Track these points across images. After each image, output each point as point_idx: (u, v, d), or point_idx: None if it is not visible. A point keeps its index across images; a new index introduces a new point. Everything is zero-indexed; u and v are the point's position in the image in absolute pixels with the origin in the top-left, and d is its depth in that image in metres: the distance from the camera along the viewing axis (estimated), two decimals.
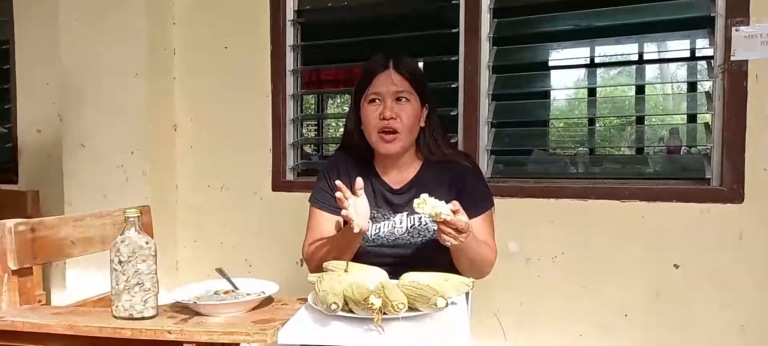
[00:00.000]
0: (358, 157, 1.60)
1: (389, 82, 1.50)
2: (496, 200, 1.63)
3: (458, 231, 1.30)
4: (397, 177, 1.57)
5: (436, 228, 1.50)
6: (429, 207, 1.27)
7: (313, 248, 1.55)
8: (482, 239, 1.49)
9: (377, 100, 1.50)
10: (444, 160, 1.56)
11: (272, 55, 2.42)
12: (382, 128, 1.49)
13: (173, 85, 2.57)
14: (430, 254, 1.47)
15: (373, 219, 1.54)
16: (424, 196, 1.29)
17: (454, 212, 1.28)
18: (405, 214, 1.54)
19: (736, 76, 1.83)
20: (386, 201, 1.56)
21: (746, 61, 1.81)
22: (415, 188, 1.55)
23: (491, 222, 1.56)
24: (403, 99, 1.50)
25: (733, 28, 1.82)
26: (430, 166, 1.57)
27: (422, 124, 1.55)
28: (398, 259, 1.48)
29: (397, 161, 1.56)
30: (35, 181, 2.80)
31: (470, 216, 1.50)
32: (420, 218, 1.52)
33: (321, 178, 1.62)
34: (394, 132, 1.49)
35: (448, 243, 1.32)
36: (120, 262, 1.15)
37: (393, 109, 1.49)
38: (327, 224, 1.58)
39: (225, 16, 2.49)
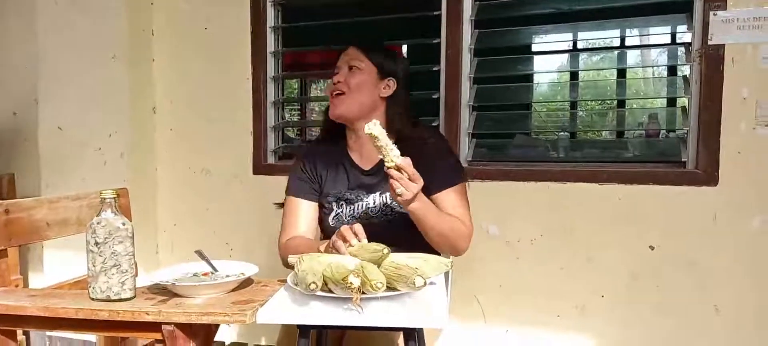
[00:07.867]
0: (331, 143, 1.66)
1: (346, 56, 1.61)
2: (477, 183, 1.64)
3: (410, 179, 1.33)
4: (369, 158, 1.60)
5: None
6: (378, 129, 1.31)
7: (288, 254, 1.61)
8: (453, 214, 1.51)
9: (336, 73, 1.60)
10: (414, 138, 1.57)
11: (252, 36, 2.38)
12: (332, 91, 1.59)
13: (152, 67, 2.52)
14: (403, 231, 1.49)
15: (348, 201, 1.59)
16: (375, 120, 1.34)
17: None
18: (377, 194, 1.57)
19: (712, 60, 1.85)
20: (359, 183, 1.59)
21: (723, 45, 1.83)
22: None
23: (464, 196, 1.58)
24: (355, 67, 1.58)
25: (711, 13, 1.83)
26: (400, 146, 1.58)
27: (384, 94, 1.59)
28: (373, 237, 1.49)
29: (367, 142, 1.55)
30: (11, 164, 2.74)
31: (441, 189, 1.53)
32: (391, 197, 1.54)
33: (295, 167, 1.66)
34: (341, 93, 1.57)
35: (401, 193, 1.33)
36: (96, 243, 1.14)
37: (343, 75, 1.58)
38: (303, 211, 1.61)
39: None
